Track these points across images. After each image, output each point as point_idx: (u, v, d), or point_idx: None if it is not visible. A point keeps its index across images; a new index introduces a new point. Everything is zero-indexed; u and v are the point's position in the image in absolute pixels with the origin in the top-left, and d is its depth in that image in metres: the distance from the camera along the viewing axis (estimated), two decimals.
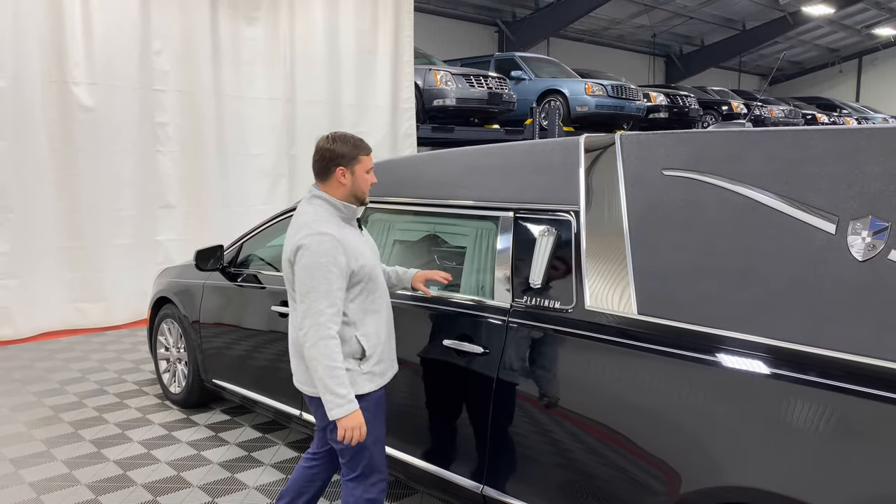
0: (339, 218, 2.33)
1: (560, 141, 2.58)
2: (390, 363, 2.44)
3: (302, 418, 3.28)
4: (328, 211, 2.31)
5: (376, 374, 2.34)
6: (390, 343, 2.46)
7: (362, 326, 2.32)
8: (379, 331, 2.37)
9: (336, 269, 2.20)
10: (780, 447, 1.74)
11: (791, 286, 1.84)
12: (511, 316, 2.43)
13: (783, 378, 1.78)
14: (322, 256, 2.19)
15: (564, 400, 2.21)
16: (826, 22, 22.24)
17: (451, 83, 9.81)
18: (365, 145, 2.38)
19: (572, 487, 2.19)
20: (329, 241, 2.21)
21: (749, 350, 1.85)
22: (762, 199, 1.96)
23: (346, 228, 2.32)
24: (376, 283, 2.37)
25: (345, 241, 2.25)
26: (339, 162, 2.32)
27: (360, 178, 2.35)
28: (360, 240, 2.36)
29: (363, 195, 2.38)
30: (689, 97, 14.19)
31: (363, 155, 2.35)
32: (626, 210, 2.23)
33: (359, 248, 2.31)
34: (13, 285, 5.96)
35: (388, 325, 2.43)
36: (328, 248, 2.20)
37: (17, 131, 5.90)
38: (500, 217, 2.62)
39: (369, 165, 2.38)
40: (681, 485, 1.92)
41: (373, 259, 2.37)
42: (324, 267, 2.18)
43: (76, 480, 3.37)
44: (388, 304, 2.46)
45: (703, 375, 1.91)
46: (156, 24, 6.67)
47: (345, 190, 2.34)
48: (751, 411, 1.80)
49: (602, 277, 2.22)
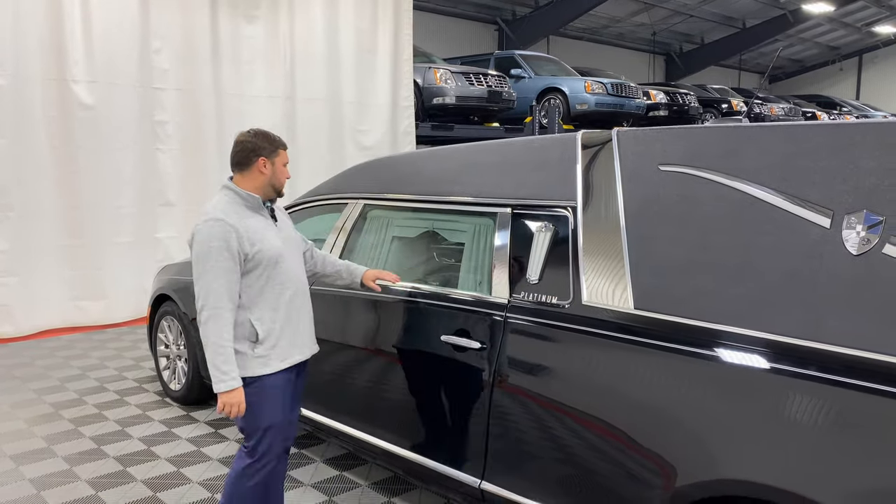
0: (244, 206, 2.45)
1: (557, 137, 2.59)
2: (293, 349, 2.50)
3: (301, 414, 3.29)
4: (232, 199, 2.44)
5: (271, 359, 2.42)
6: (295, 329, 2.51)
7: (257, 311, 2.41)
8: (276, 316, 2.44)
9: (227, 252, 2.32)
10: (776, 441, 1.75)
11: (786, 280, 1.85)
12: (509, 311, 2.43)
13: (779, 372, 1.79)
14: (213, 240, 2.32)
15: (562, 394, 2.22)
16: (826, 20, 22.23)
17: (450, 81, 9.81)
18: (281, 141, 2.55)
19: (570, 481, 2.20)
20: (220, 225, 2.34)
21: (745, 344, 1.86)
22: (758, 193, 1.96)
23: (250, 216, 2.44)
24: (279, 269, 2.45)
25: (241, 227, 2.37)
26: (260, 153, 2.47)
27: (279, 169, 2.51)
28: (265, 227, 2.46)
29: (280, 186, 2.53)
30: (688, 95, 14.19)
31: (281, 149, 2.53)
32: (622, 205, 2.24)
33: (260, 234, 2.42)
34: (13, 283, 5.97)
35: (289, 311, 2.49)
36: (218, 232, 2.33)
37: (17, 129, 5.91)
38: (497, 213, 2.63)
39: (286, 160, 2.54)
40: (677, 478, 1.93)
41: (279, 247, 2.46)
42: (215, 250, 2.31)
43: (76, 477, 3.38)
44: (297, 292, 2.52)
45: (699, 370, 1.92)
46: (155, 23, 6.68)
47: (264, 179, 2.48)
48: (747, 405, 1.81)
49: (599, 273, 2.23)
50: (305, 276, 2.63)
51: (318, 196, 3.61)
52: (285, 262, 2.47)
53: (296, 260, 2.57)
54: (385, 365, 2.86)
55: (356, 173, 3.48)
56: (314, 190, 3.71)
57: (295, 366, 2.53)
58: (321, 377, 3.15)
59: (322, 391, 3.17)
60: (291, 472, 3.41)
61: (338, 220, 3.38)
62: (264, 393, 2.41)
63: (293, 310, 2.50)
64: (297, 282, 2.53)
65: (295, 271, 2.53)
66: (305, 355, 2.57)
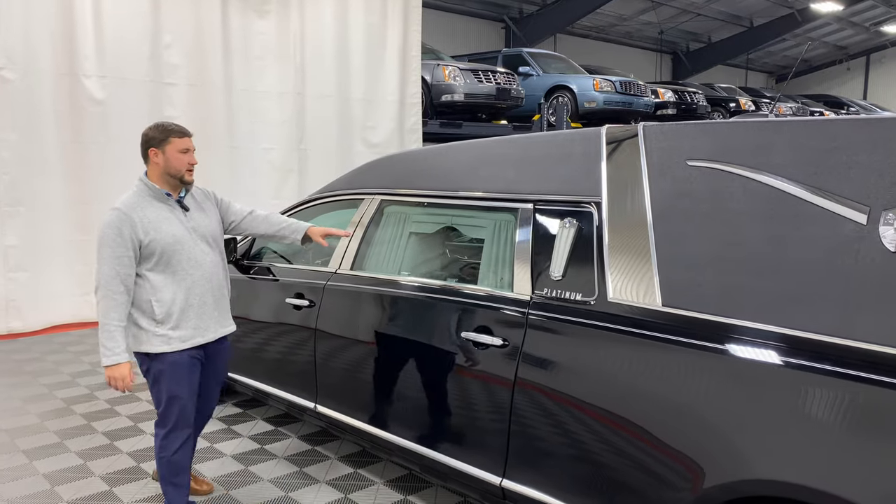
0: (150, 197, 2.64)
1: (581, 131, 2.56)
2: (195, 332, 2.67)
3: (317, 411, 3.27)
4: (140, 190, 2.64)
5: (173, 338, 2.62)
6: (199, 313, 2.68)
7: (158, 293, 2.61)
8: (176, 298, 2.63)
9: (120, 238, 2.53)
10: (810, 440, 1.72)
11: (820, 277, 1.81)
12: (531, 308, 2.41)
13: (811, 370, 1.76)
14: (108, 228, 2.54)
15: (585, 392, 2.19)
16: (834, 19, 22.12)
17: (459, 78, 9.78)
18: (176, 129, 2.66)
19: (594, 481, 2.17)
20: (116, 214, 2.55)
21: (777, 342, 1.83)
22: (790, 189, 1.93)
23: (153, 207, 2.62)
24: (178, 257, 2.62)
25: (138, 217, 2.57)
26: (150, 144, 2.64)
27: (172, 157, 2.63)
28: (166, 217, 2.63)
29: (178, 173, 2.65)
30: (697, 94, 14.14)
31: (174, 137, 2.64)
32: (649, 201, 2.21)
33: (157, 223, 2.60)
34: (23, 278, 5.97)
35: (189, 296, 2.65)
36: (112, 220, 2.54)
37: (27, 124, 5.91)
38: (519, 209, 2.60)
39: (182, 146, 2.64)
40: (705, 479, 1.90)
41: (177, 236, 2.62)
42: (109, 237, 2.53)
43: (90, 472, 3.36)
44: (201, 278, 2.68)
45: (729, 368, 1.89)
46: (166, 18, 6.66)
47: (159, 169, 2.64)
48: (778, 404, 1.78)
49: (625, 269, 2.20)
50: (216, 263, 2.77)
51: (333, 192, 3.58)
52: (186, 250, 2.64)
53: (202, 248, 2.71)
54: (403, 361, 2.83)
55: (372, 169, 3.45)
56: (328, 186, 3.68)
57: (202, 346, 2.72)
58: (337, 374, 3.13)
59: (338, 388, 3.14)
60: (305, 469, 3.40)
61: (353, 216, 3.35)
62: (167, 367, 2.62)
63: (194, 295, 2.67)
64: (201, 269, 2.68)
65: (193, 260, 2.67)
66: (209, 338, 2.72)
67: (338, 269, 3.26)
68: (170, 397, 2.64)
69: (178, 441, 2.68)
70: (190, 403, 2.69)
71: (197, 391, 2.73)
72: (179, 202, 2.71)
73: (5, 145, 5.81)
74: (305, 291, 3.35)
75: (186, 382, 2.66)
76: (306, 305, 3.31)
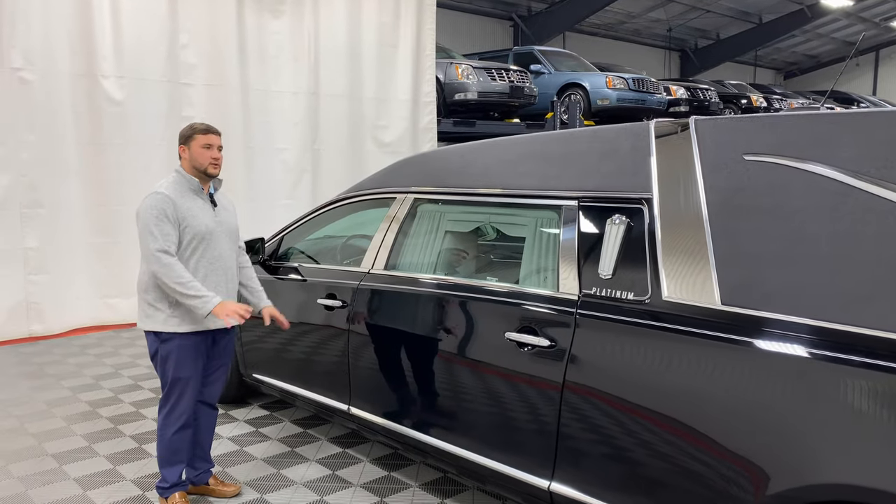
0: (186, 188, 2.82)
1: (627, 126, 2.51)
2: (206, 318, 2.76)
3: (350, 412, 3.22)
4: (177, 180, 2.83)
5: (184, 321, 2.76)
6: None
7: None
8: None
9: (165, 217, 2.70)
10: (886, 442, 1.66)
11: (890, 273, 1.75)
12: (580, 308, 2.35)
13: (885, 370, 1.70)
14: (151, 209, 2.71)
15: (640, 393, 2.13)
16: (843, 14, 21.98)
17: (472, 77, 9.72)
18: (200, 127, 2.85)
19: (648, 486, 2.11)
20: (161, 197, 2.73)
21: (846, 341, 1.77)
22: (855, 182, 1.87)
23: (191, 197, 2.81)
24: (202, 246, 2.79)
25: (178, 203, 2.75)
26: (180, 141, 2.88)
27: (196, 152, 2.82)
28: (200, 208, 2.81)
29: (201, 166, 2.83)
30: (709, 90, 14.05)
31: (198, 134, 2.83)
32: (704, 197, 2.15)
33: (191, 212, 2.77)
34: (43, 281, 5.93)
35: (206, 282, 2.79)
36: (156, 202, 2.72)
37: (46, 125, 5.87)
38: (562, 206, 2.55)
39: (204, 142, 2.82)
40: (768, 485, 1.84)
41: (208, 226, 2.80)
42: (153, 216, 2.69)
43: (121, 476, 3.32)
44: (215, 269, 2.84)
45: (795, 368, 1.83)
46: (183, 18, 6.62)
47: (187, 163, 2.85)
48: (848, 404, 1.72)
49: (680, 267, 2.14)
50: (232, 258, 2.94)
51: (362, 191, 3.53)
52: (211, 241, 2.82)
53: (223, 243, 2.88)
54: (440, 362, 2.78)
55: (404, 167, 3.40)
56: (357, 185, 3.64)
57: (210, 332, 2.86)
58: (372, 375, 3.08)
59: (373, 389, 3.09)
60: (338, 472, 3.35)
61: (385, 215, 3.30)
62: (174, 348, 2.77)
63: (210, 284, 2.81)
64: (217, 261, 2.85)
65: (217, 252, 2.85)
66: (218, 325, 2.83)
67: (371, 268, 3.21)
68: (174, 378, 2.79)
69: (178, 423, 2.84)
70: (192, 386, 2.83)
71: (201, 375, 2.89)
72: (210, 196, 2.90)
73: (25, 146, 5.78)
74: (338, 292, 3.30)
75: (192, 366, 2.81)
76: (339, 306, 3.27)
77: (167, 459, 2.88)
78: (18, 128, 5.74)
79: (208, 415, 3.05)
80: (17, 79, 5.71)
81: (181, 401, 2.83)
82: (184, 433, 2.87)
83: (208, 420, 3.05)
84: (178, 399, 2.82)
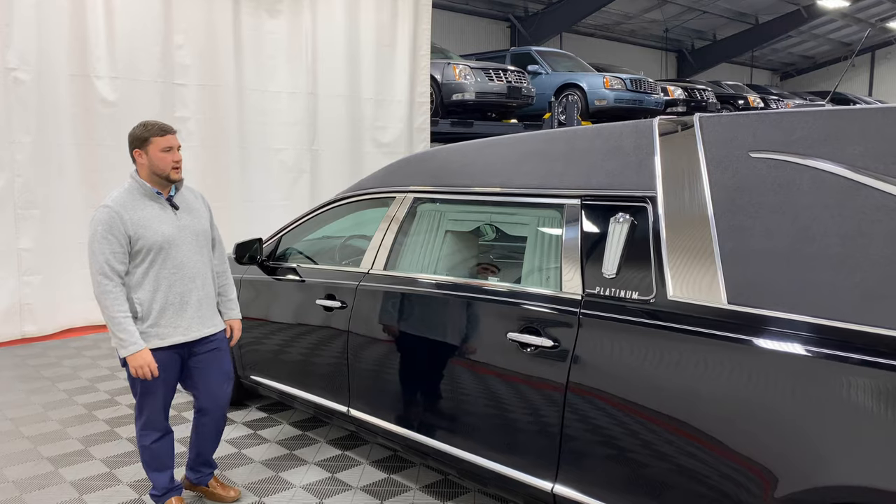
0: (141, 194, 2.65)
1: (631, 124, 2.48)
2: (175, 331, 2.68)
3: (349, 414, 3.19)
4: (132, 188, 2.65)
5: (150, 336, 2.63)
6: (178, 312, 2.69)
7: (139, 291, 2.62)
8: (154, 297, 2.64)
9: (111, 235, 2.54)
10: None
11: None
12: (584, 307, 2.32)
13: (893, 369, 1.67)
14: (98, 225, 2.55)
15: (645, 394, 2.10)
16: (839, 15, 22.04)
17: (470, 77, 9.70)
18: (157, 127, 2.64)
19: (654, 488, 2.08)
20: (106, 212, 2.56)
21: (856, 340, 1.74)
22: (864, 180, 1.85)
23: (144, 204, 2.64)
24: (162, 255, 2.64)
25: (128, 215, 2.58)
26: (134, 145, 2.65)
27: (155, 157, 2.62)
28: (156, 216, 2.64)
29: (163, 172, 2.64)
30: (706, 91, 14.06)
31: (154, 137, 2.62)
32: (709, 195, 2.12)
33: (147, 222, 2.61)
34: (37, 282, 5.88)
35: (169, 295, 2.66)
36: (103, 218, 2.55)
37: (40, 126, 5.82)
38: (564, 204, 2.52)
39: (163, 145, 2.63)
40: (778, 486, 1.81)
41: (166, 234, 2.64)
42: (99, 234, 2.54)
43: (117, 480, 3.28)
44: (182, 277, 2.69)
45: (805, 368, 1.80)
46: (178, 18, 6.57)
47: (145, 169, 2.65)
48: (860, 405, 1.70)
49: (685, 266, 2.11)
50: (202, 262, 2.77)
51: (362, 191, 3.50)
52: (171, 249, 2.65)
53: (187, 249, 2.71)
54: (442, 363, 2.74)
55: (404, 166, 3.37)
56: (357, 185, 3.60)
57: (183, 345, 2.72)
58: (372, 376, 3.04)
59: (373, 391, 3.06)
60: (337, 475, 3.31)
61: (385, 215, 3.27)
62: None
63: (175, 294, 2.67)
64: (181, 269, 2.69)
65: (179, 259, 2.68)
66: (189, 337, 2.72)
67: (370, 269, 3.18)
68: (143, 392, 2.70)
69: (155, 434, 2.77)
70: (163, 400, 2.75)
71: (174, 388, 2.79)
72: (170, 200, 2.72)
73: (19, 147, 5.72)
74: (337, 292, 3.27)
75: (161, 380, 2.69)
76: (338, 307, 3.23)
77: (151, 466, 2.84)
78: (13, 128, 5.69)
79: (209, 424, 2.92)
80: (11, 79, 5.66)
81: (154, 413, 2.75)
82: (164, 441, 2.81)
83: (208, 429, 2.93)
84: (150, 412, 2.74)
